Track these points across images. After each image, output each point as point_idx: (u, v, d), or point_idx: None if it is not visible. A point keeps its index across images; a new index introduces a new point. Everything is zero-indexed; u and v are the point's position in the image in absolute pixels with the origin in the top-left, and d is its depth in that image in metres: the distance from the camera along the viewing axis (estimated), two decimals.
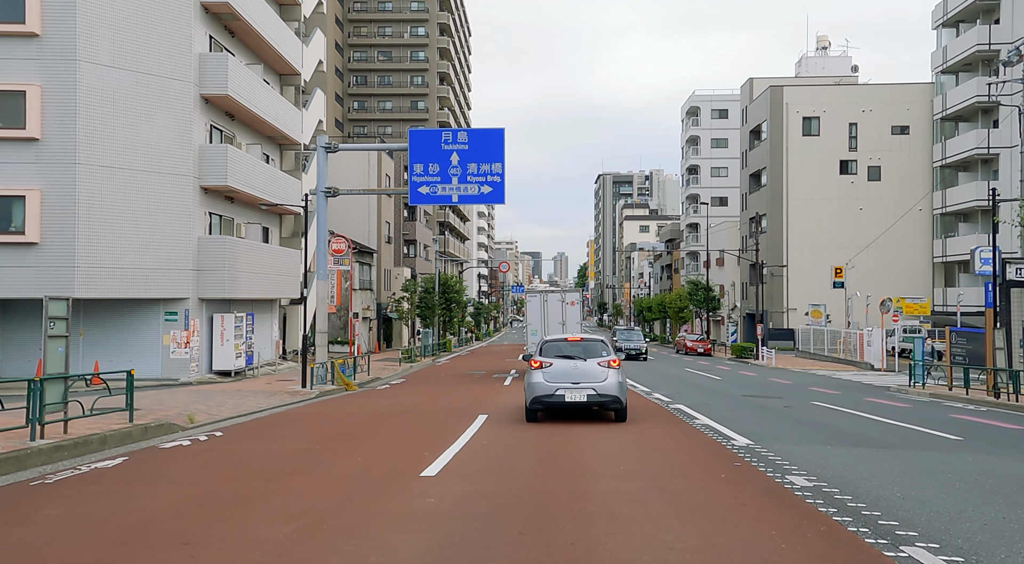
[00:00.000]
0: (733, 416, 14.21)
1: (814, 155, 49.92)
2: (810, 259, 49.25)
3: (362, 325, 45.05)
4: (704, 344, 48.19)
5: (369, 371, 26.82)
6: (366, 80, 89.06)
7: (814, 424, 13.29)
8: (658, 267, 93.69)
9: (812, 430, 12.39)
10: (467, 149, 21.82)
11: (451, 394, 19.93)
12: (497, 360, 39.51)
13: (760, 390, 21.68)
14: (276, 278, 29.43)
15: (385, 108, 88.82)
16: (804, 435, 11.67)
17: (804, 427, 12.77)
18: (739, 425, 12.64)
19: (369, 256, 46.45)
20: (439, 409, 15.61)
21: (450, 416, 14.09)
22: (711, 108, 75.90)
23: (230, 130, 26.32)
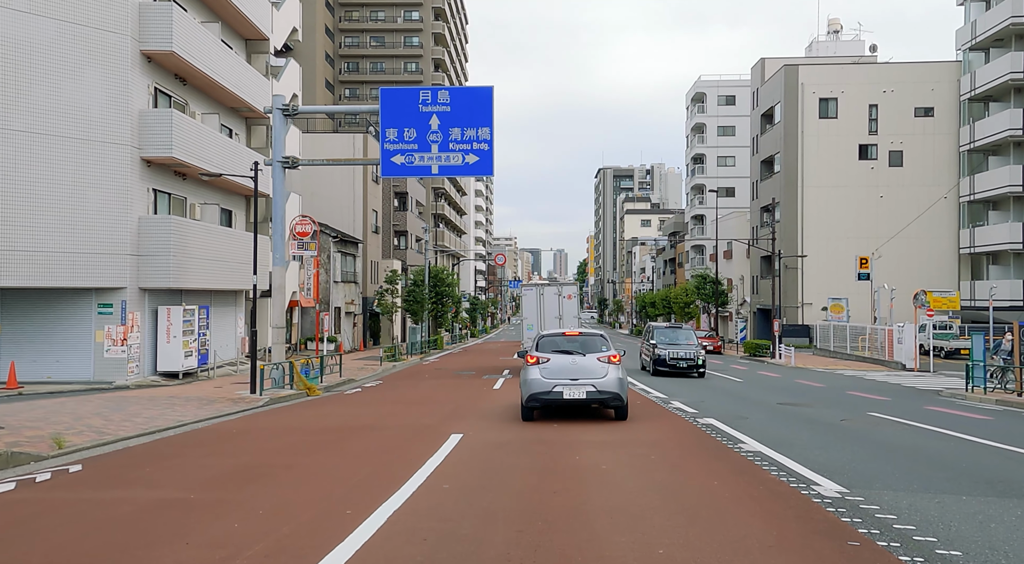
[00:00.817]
0: (785, 437, 10.91)
1: (831, 139, 46.61)
2: (827, 251, 45.97)
3: (346, 320, 41.77)
4: (714, 341, 44.91)
5: (341, 371, 23.54)
6: (358, 67, 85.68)
7: (904, 451, 9.86)
8: (661, 262, 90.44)
9: (910, 462, 8.94)
10: (449, 112, 18.51)
11: (427, 401, 16.66)
12: (490, 358, 36.24)
13: (794, 396, 18.38)
14: (241, 267, 26.16)
15: (376, 97, 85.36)
16: (909, 473, 8.09)
17: (895, 457, 9.32)
18: (804, 454, 9.30)
19: (354, 246, 43.15)
20: (405, 425, 12.30)
21: (415, 436, 10.83)
22: (718, 94, 72.52)
23: (181, 96, 23.00)
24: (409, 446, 9.83)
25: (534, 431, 11.22)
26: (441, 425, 11.91)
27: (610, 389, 11.69)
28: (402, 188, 58.39)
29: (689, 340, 25.71)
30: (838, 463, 8.69)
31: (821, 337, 41.47)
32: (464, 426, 11.76)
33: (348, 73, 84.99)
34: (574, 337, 12.61)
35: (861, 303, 42.69)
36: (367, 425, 12.16)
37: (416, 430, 11.45)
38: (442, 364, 32.63)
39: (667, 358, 24.42)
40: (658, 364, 24.64)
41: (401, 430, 11.54)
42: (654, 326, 28.51)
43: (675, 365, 24.23)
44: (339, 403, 16.56)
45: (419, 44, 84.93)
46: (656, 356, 24.89)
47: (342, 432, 11.34)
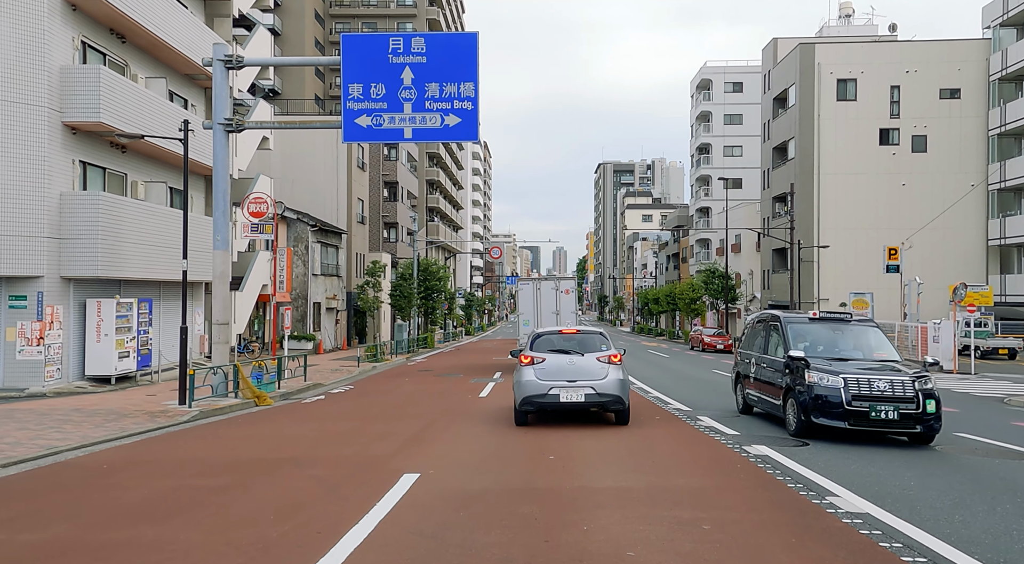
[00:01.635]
0: (885, 481, 7.73)
1: (850, 123, 43.44)
2: (845, 243, 42.83)
3: (327, 317, 38.61)
4: (724, 340, 41.79)
5: (306, 375, 20.39)
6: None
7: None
8: (663, 257, 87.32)
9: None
10: (425, 63, 15.35)
11: (394, 415, 13.51)
12: (483, 358, 33.12)
13: None
14: (198, 255, 23.03)
15: None
16: None
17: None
18: (938, 520, 6.12)
19: (336, 237, 39.99)
20: (344, 457, 9.00)
21: (345, 481, 7.56)
22: (724, 81, 69.32)
23: (119, 56, 19.82)
24: (326, 503, 6.57)
25: (521, 468, 8.10)
26: (394, 458, 8.73)
27: (611, 391, 10.86)
28: (392, 177, 55.23)
29: (881, 349, 11.51)
30: (983, 533, 5.52)
31: None
32: (426, 458, 8.62)
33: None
34: (571, 335, 11.77)
35: (883, 298, 39.60)
36: (292, 458, 8.92)
37: (355, 468, 8.22)
38: (429, 364, 29.50)
39: (848, 395, 9.92)
40: (819, 409, 10.13)
41: (334, 467, 8.28)
42: (786, 319, 12.40)
43: (871, 413, 9.79)
44: (285, 418, 13.39)
45: (412, 30, 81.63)
46: (809, 389, 10.30)
47: (249, 472, 8.08)
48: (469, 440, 10.13)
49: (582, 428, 11.15)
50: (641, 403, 15.00)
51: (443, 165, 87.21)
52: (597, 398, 10.80)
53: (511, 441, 9.96)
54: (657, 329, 72.36)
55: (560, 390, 10.76)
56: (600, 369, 10.90)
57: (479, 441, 10.04)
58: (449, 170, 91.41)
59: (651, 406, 14.42)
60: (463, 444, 9.76)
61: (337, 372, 24.58)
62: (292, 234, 34.97)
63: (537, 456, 8.68)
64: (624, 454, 8.71)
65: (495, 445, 9.68)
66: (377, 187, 54.34)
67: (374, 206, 54.16)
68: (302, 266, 35.08)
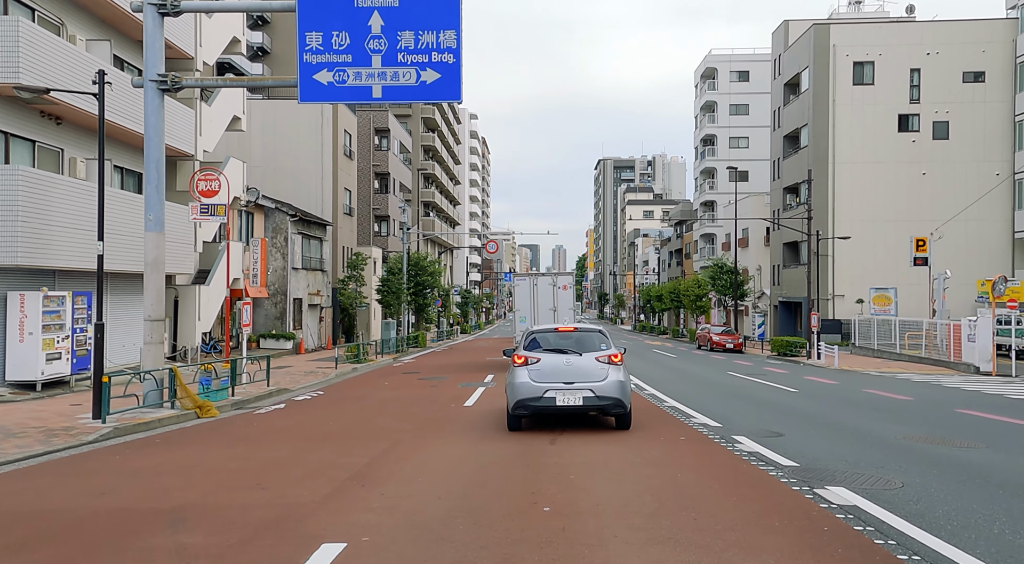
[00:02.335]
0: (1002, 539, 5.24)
1: (867, 108, 40.91)
2: (861, 236, 40.30)
3: (309, 314, 36.05)
4: (734, 338, 39.25)
5: (269, 379, 17.83)
6: None
7: None
8: (666, 253, 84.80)
9: None
10: (397, 7, 12.78)
11: (352, 434, 10.96)
12: (476, 358, 30.59)
13: (899, 420, 12.64)
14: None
15: None
16: None
17: None
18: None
19: (320, 229, 37.41)
20: (252, 508, 6.27)
21: (238, 553, 5.04)
22: (730, 69, 66.72)
23: (55, 14, 17.24)
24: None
25: (501, 532, 5.54)
26: (320, 510, 6.13)
27: (611, 394, 10.12)
28: (384, 168, 52.67)
29: None
30: None
31: (861, 334, 35.78)
32: (366, 512, 6.06)
33: None
34: (568, 333, 11.06)
35: (911, 294, 37.10)
36: (174, 510, 6.20)
37: (254, 531, 5.47)
38: (417, 366, 26.96)
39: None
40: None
41: (224, 530, 5.51)
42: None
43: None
44: (216, 437, 10.84)
45: None
46: None
47: (82, 544, 5.50)
48: (437, 476, 7.60)
49: (587, 450, 8.67)
50: (657, 416, 12.47)
51: (439, 159, 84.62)
52: (596, 401, 10.04)
53: (493, 478, 7.44)
54: (660, 327, 69.84)
55: (556, 393, 9.99)
56: (599, 370, 10.15)
57: (450, 478, 7.51)
58: (445, 164, 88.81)
59: (671, 421, 11.88)
60: (427, 483, 7.21)
61: (311, 375, 22.04)
62: (270, 224, 32.41)
63: (526, 508, 6.12)
64: (651, 504, 6.18)
65: (470, 485, 7.14)
66: (367, 178, 51.78)
67: (364, 198, 51.60)
68: (281, 259, 32.52)
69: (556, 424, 10.98)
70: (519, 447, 9.17)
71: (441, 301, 52.06)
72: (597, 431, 10.20)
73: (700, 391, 17.29)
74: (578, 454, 8.59)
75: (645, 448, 8.94)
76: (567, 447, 9.10)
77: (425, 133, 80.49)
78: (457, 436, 10.34)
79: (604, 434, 10.17)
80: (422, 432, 10.82)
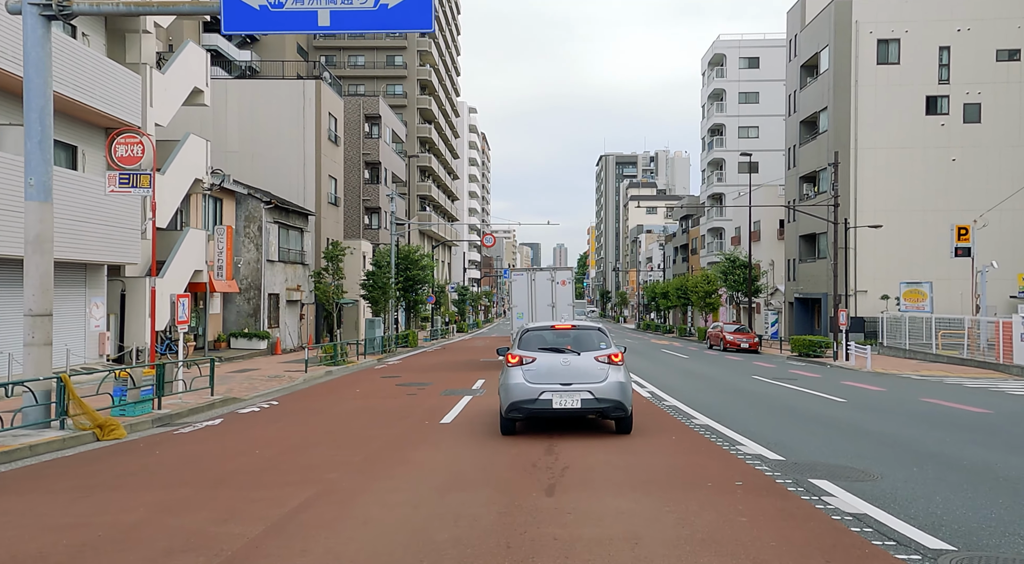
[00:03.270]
0: None
1: (892, 90, 37.94)
2: (886, 226, 37.28)
3: (288, 311, 33.14)
4: (749, 338, 36.32)
5: (213, 387, 14.91)
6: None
7: None
8: (671, 249, 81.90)
9: None
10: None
11: (273, 470, 8.05)
12: (469, 359, 27.71)
13: (1015, 446, 9.71)
14: (92, 229, 17.71)
15: (357, 63, 76.73)
16: None
17: None
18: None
19: (301, 219, 34.49)
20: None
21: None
22: (739, 56, 63.73)
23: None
24: None
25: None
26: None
27: (611, 396, 9.39)
28: (374, 157, 49.74)
29: None
30: None
31: (890, 332, 32.86)
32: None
33: (323, 38, 76.16)
34: (565, 331, 10.35)
35: (947, 290, 34.15)
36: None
37: None
38: (400, 368, 24.05)
39: None
40: None
41: None
42: None
43: None
44: (77, 478, 7.91)
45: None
46: None
47: None
48: (371, 557, 4.67)
49: (602, 513, 5.77)
50: (689, 440, 9.60)
51: (436, 151, 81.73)
52: (595, 404, 9.45)
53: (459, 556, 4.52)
54: (665, 326, 66.90)
55: (553, 395, 9.42)
56: (598, 370, 9.57)
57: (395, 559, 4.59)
58: (443, 157, 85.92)
59: (711, 449, 8.95)
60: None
61: (275, 380, 19.13)
62: (242, 212, 29.49)
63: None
64: None
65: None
66: (356, 167, 48.86)
67: (352, 188, 48.69)
68: (255, 250, 29.61)
69: (554, 429, 9.99)
70: (502, 501, 6.27)
71: (435, 298, 49.14)
72: (618, 480, 7.23)
73: (730, 402, 14.36)
74: (591, 520, 5.66)
75: (692, 508, 5.95)
76: (573, 503, 6.18)
77: (421, 125, 77.59)
78: (419, 476, 7.44)
79: (629, 477, 7.24)
80: (371, 469, 7.91)
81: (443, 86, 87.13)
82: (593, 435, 9.87)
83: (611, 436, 9.84)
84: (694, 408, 13.00)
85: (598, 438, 9.64)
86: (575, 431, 10.16)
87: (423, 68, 77.45)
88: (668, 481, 7.06)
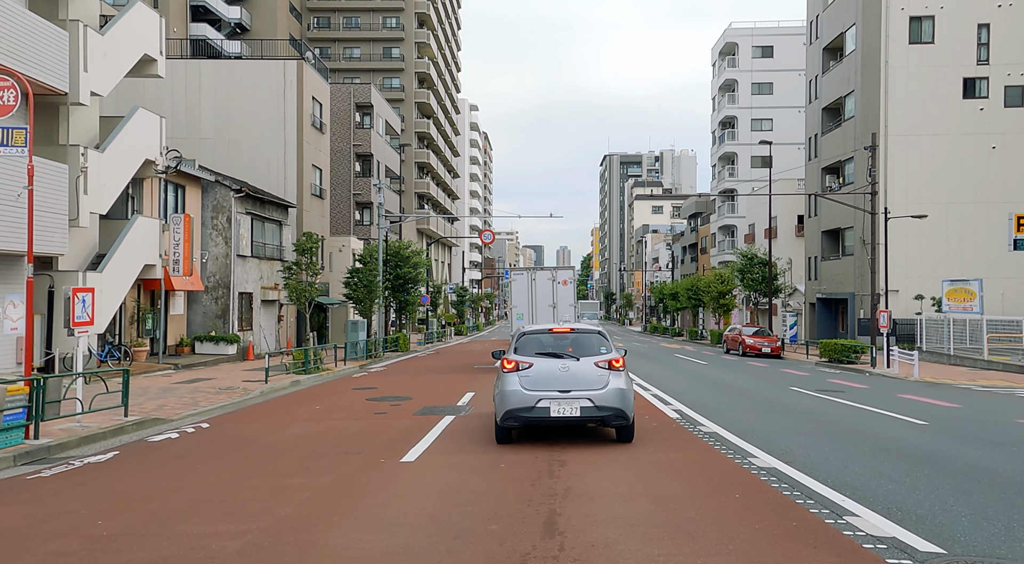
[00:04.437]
0: None
1: (926, 71, 34.82)
2: (917, 220, 34.14)
3: (264, 312, 30.11)
4: (771, 341, 33.20)
5: (127, 406, 11.84)
6: (329, 22, 74.00)
7: None
8: (678, 248, 78.82)
9: None
10: None
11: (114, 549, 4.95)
12: (461, 366, 24.66)
13: None
14: (6, 213, 14.80)
15: (352, 56, 73.79)
16: None
17: None
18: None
19: (279, 211, 31.46)
20: None
21: None
22: (752, 44, 60.64)
23: None
24: None
25: None
26: None
27: (611, 404, 8.93)
28: (366, 149, 46.72)
29: None
30: None
31: (930, 336, 29.71)
32: None
33: (318, 30, 73.30)
34: (564, 335, 9.78)
35: (999, 288, 31.00)
36: None
37: None
38: (380, 378, 20.98)
39: None
40: None
41: None
42: None
43: None
44: None
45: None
46: None
47: None
48: None
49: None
50: (766, 502, 6.47)
51: (435, 148, 78.71)
52: (596, 412, 8.89)
53: None
54: (673, 329, 63.76)
55: (551, 402, 8.89)
56: (599, 377, 9.00)
57: None
58: (442, 154, 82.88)
59: (810, 527, 5.81)
60: None
61: (225, 393, 16.09)
62: (209, 201, 26.45)
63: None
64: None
65: None
66: (346, 159, 45.88)
67: (342, 182, 45.71)
68: (223, 244, 26.56)
69: (553, 438, 9.61)
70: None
71: (430, 298, 46.08)
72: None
73: (782, 425, 11.25)
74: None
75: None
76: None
77: (419, 119, 74.58)
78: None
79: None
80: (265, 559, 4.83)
81: (442, 81, 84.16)
82: (615, 499, 6.78)
83: (644, 497, 6.76)
84: (743, 437, 9.91)
85: (623, 503, 6.56)
86: (582, 485, 7.08)
87: (421, 61, 74.48)
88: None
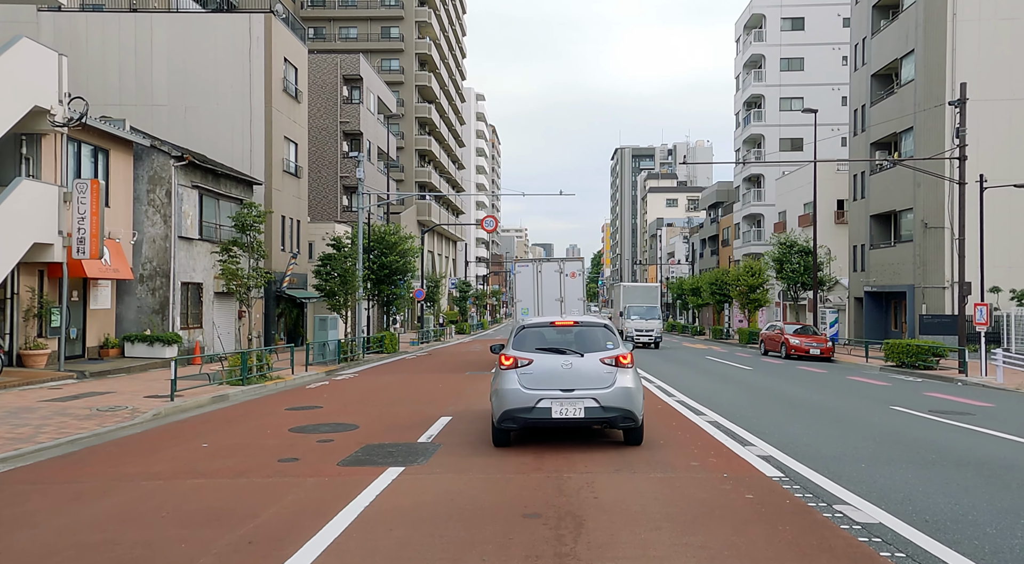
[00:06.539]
0: None
1: (1002, 26, 29.77)
2: (994, 202, 29.09)
3: (220, 307, 25.37)
4: (820, 342, 28.19)
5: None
6: (324, 0, 69.29)
7: None
8: (697, 241, 73.84)
9: None
10: None
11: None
12: (453, 370, 19.90)
13: None
14: None
15: (349, 36, 69.07)
16: None
17: None
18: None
19: (241, 188, 26.70)
20: None
21: None
22: (780, 16, 55.49)
23: None
24: None
25: None
26: None
27: (618, 405, 8.22)
28: (354, 127, 41.92)
29: None
30: None
31: (1021, 336, 24.66)
32: None
33: (312, 8, 68.58)
34: (567, 328, 9.08)
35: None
36: None
37: None
38: (341, 390, 16.19)
39: None
40: None
41: None
42: None
43: None
44: None
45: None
46: None
47: None
48: None
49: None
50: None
51: (438, 135, 73.90)
52: (601, 413, 8.20)
53: None
54: (694, 327, 58.74)
55: (552, 402, 8.23)
56: (605, 374, 8.32)
57: None
58: (445, 142, 78.05)
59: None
60: None
61: (100, 417, 11.36)
62: (144, 171, 21.71)
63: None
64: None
65: None
66: (332, 137, 41.11)
67: (328, 163, 40.96)
68: (162, 224, 21.80)
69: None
70: None
71: (426, 293, 41.26)
72: None
73: (941, 484, 6.33)
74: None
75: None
76: None
77: (420, 103, 69.77)
78: None
79: None
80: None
81: (445, 64, 79.35)
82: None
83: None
84: (894, 513, 5.02)
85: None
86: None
87: (422, 41, 69.70)
88: None
